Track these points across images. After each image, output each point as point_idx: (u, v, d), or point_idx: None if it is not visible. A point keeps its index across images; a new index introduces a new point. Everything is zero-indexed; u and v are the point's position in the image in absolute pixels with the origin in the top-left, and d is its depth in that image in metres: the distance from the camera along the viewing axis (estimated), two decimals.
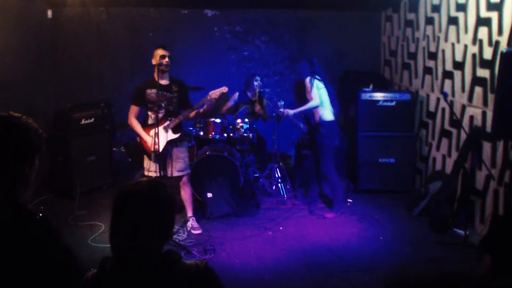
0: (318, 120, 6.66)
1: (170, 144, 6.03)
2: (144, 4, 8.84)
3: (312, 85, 6.58)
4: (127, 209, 2.01)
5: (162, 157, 6.00)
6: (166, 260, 2.01)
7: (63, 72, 8.72)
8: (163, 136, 5.95)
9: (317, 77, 6.64)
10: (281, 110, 6.90)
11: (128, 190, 2.04)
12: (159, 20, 9.03)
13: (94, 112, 7.65)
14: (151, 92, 5.89)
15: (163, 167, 6.04)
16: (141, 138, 5.97)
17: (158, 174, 5.92)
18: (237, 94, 8.19)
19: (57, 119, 7.45)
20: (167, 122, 5.97)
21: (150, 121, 5.98)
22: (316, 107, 6.60)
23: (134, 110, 6.03)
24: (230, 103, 8.20)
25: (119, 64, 9.07)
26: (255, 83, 7.91)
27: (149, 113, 5.98)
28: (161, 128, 5.94)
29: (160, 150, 5.90)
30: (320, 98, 6.57)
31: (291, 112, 6.81)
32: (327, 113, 6.65)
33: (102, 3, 8.62)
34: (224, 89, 6.14)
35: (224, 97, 7.79)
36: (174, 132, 6.02)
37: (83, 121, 7.43)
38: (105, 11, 8.86)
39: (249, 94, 8.13)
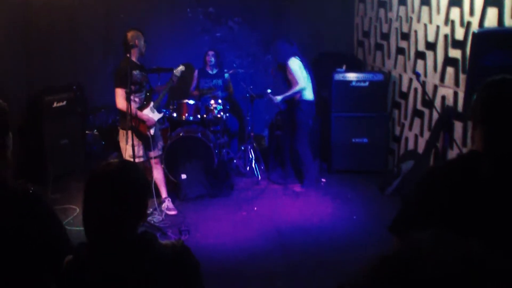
0: (299, 98, 6.67)
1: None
2: None
3: (295, 67, 6.55)
4: (99, 191, 1.98)
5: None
6: (141, 241, 1.99)
7: (35, 54, 8.52)
8: (153, 117, 5.94)
9: (297, 57, 6.63)
10: (270, 96, 6.88)
11: (100, 172, 2.01)
12: (132, 0, 8.90)
13: (67, 95, 7.56)
14: (137, 73, 5.76)
15: (148, 149, 6.03)
16: (137, 120, 5.73)
17: (144, 159, 5.97)
18: (196, 71, 8.33)
19: (29, 102, 7.33)
20: (152, 103, 5.95)
21: (135, 104, 5.81)
22: (303, 89, 6.61)
23: (123, 93, 5.60)
24: (194, 83, 8.29)
25: (91, 46, 8.93)
26: (207, 58, 8.18)
27: (132, 96, 5.67)
28: (148, 109, 5.89)
29: (153, 131, 5.92)
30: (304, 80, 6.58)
31: (279, 98, 6.80)
32: (308, 93, 6.67)
33: None
34: (182, 67, 6.31)
35: (189, 78, 8.21)
36: (159, 111, 6.05)
37: (55, 104, 7.32)
38: None
39: (208, 69, 8.25)
